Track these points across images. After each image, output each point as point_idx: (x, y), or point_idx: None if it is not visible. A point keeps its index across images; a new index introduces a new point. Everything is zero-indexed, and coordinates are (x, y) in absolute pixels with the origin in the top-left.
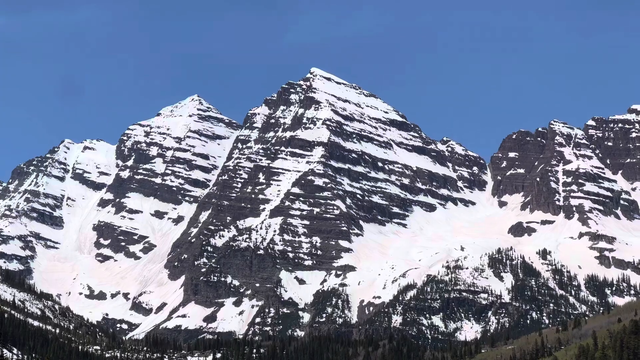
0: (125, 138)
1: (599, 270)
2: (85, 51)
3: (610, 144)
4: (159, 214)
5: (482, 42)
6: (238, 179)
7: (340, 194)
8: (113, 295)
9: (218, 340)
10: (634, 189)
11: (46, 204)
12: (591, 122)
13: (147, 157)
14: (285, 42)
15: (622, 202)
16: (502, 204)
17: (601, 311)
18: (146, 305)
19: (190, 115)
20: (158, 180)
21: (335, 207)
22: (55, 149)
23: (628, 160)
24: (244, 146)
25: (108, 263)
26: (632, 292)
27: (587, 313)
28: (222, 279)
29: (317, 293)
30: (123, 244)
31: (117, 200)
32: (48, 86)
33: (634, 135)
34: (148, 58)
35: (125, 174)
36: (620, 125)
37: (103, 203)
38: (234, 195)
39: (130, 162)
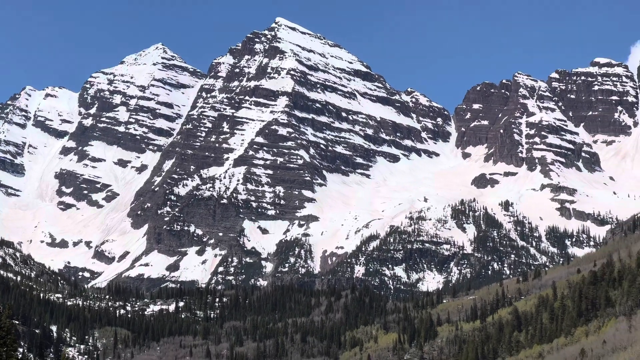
0: (88, 86)
1: (560, 221)
2: None
3: (573, 96)
4: (122, 163)
5: None
6: (202, 128)
7: (304, 144)
8: (75, 244)
9: (181, 289)
10: (595, 142)
11: (7, 151)
12: (555, 75)
13: (110, 105)
14: None
15: (583, 154)
16: (465, 156)
17: (561, 262)
18: (108, 253)
19: (154, 64)
20: (121, 128)
21: (298, 157)
22: (17, 96)
23: (590, 113)
24: (208, 95)
25: (70, 211)
26: (592, 243)
27: (548, 264)
28: (185, 228)
29: (280, 243)
30: (85, 192)
31: (80, 148)
32: (8, 33)
33: (596, 88)
34: (112, 5)
35: (88, 122)
36: (583, 78)
37: (65, 151)
38: (198, 144)
39: (93, 110)
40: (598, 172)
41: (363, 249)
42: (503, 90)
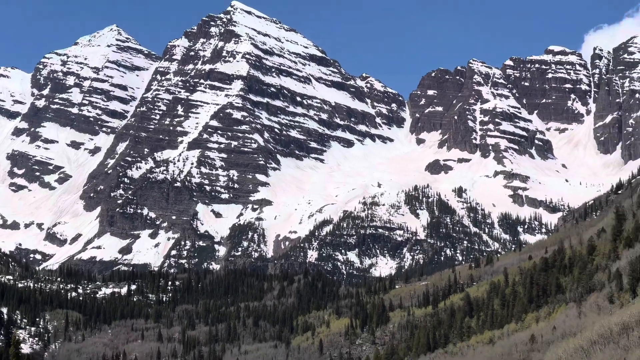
0: (41, 67)
1: (513, 208)
2: None
3: (527, 84)
4: (75, 145)
5: None
6: (156, 111)
7: (259, 128)
8: (27, 225)
9: (133, 272)
10: (548, 129)
11: None
12: (509, 62)
13: (63, 86)
14: None
15: (536, 141)
16: (419, 142)
17: (513, 248)
18: (60, 235)
19: (108, 46)
20: (75, 110)
21: (253, 141)
22: None
23: (544, 100)
24: (163, 78)
25: (22, 193)
26: (544, 230)
27: (500, 250)
28: (139, 210)
29: (234, 227)
30: (38, 173)
31: (32, 129)
32: None
33: (550, 76)
34: None
35: (41, 103)
36: (537, 66)
37: (17, 132)
38: (152, 127)
39: (46, 91)
40: (551, 160)
41: (316, 233)
42: (458, 77)
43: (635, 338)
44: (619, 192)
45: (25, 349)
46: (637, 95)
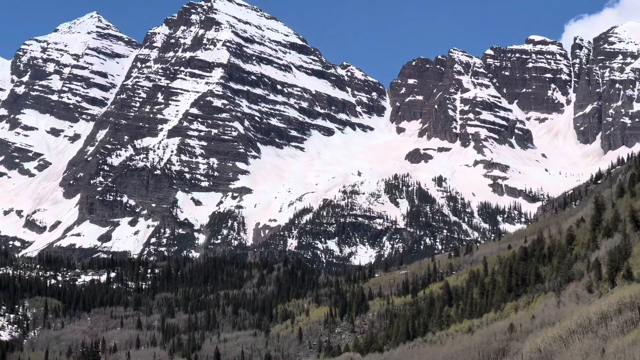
0: (21, 53)
1: (492, 197)
2: None
3: (507, 73)
4: (55, 132)
5: None
6: (136, 98)
7: (239, 116)
8: (6, 212)
9: (113, 259)
10: (528, 119)
11: None
12: (489, 52)
13: (43, 73)
14: None
15: (516, 131)
16: (400, 130)
17: (492, 238)
18: (40, 223)
19: (88, 33)
20: (54, 97)
21: (233, 129)
22: None
23: (524, 90)
24: (143, 65)
25: (1, 180)
26: (523, 219)
27: (479, 239)
28: (118, 198)
29: (213, 214)
30: (17, 160)
31: (12, 116)
32: None
33: (530, 65)
34: None
35: (21, 89)
36: (517, 55)
37: None
38: (132, 114)
39: (26, 78)
40: (531, 149)
41: (296, 222)
42: (438, 66)
43: (614, 327)
44: (599, 181)
45: (4, 336)
46: (617, 85)
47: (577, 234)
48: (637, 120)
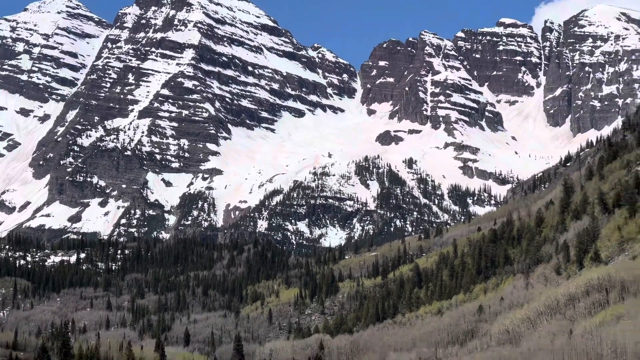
0: None
1: (462, 180)
2: None
3: (478, 56)
4: (24, 112)
5: None
6: (107, 79)
7: (210, 97)
8: None
9: (82, 240)
10: (499, 101)
11: None
12: (460, 34)
13: (12, 52)
14: None
15: (487, 113)
16: (370, 112)
17: (462, 220)
18: (9, 203)
19: (58, 12)
20: (24, 77)
21: (204, 110)
22: None
23: (494, 72)
24: (114, 46)
25: None
26: (493, 202)
27: (449, 222)
28: (88, 179)
29: (184, 196)
30: None
31: None
32: None
33: (501, 48)
34: None
35: None
36: (488, 38)
37: None
38: (103, 95)
39: None
40: (501, 132)
41: (266, 203)
42: (409, 48)
43: (581, 309)
44: (568, 164)
45: None
46: (586, 68)
47: (546, 217)
48: (606, 103)
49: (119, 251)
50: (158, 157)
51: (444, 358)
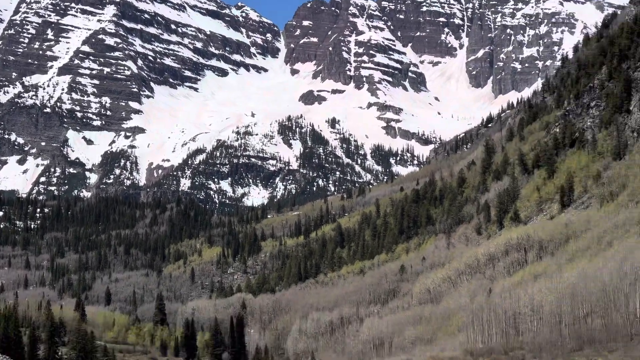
0: None
1: (385, 140)
2: None
3: (401, 16)
4: None
5: None
6: (25, 34)
7: (132, 55)
8: None
9: (0, 198)
10: (422, 62)
11: None
12: None
13: None
14: None
15: (410, 74)
16: (294, 72)
17: (385, 180)
18: None
19: None
20: None
21: (126, 68)
22: None
23: (418, 33)
24: (32, 1)
25: None
26: (415, 162)
27: (372, 181)
28: (6, 136)
29: (106, 154)
30: None
31: None
32: None
33: (424, 9)
34: None
35: None
36: None
37: None
38: (21, 50)
39: None
40: (424, 93)
41: (189, 162)
42: (333, 8)
43: (501, 268)
44: (489, 125)
45: None
46: (508, 30)
47: (467, 177)
48: (527, 65)
49: (38, 209)
50: (79, 114)
51: (365, 317)
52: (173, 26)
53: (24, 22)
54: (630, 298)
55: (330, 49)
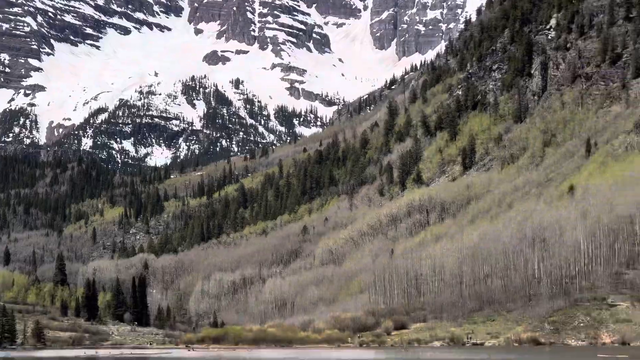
0: None
1: (289, 101)
2: None
3: None
4: None
5: None
6: None
7: (32, 11)
8: None
9: None
10: (326, 24)
11: None
12: None
13: None
14: None
15: (314, 35)
16: (198, 32)
17: (288, 141)
18: None
19: None
20: None
21: (25, 24)
22: None
23: None
24: None
25: None
26: (319, 123)
27: (275, 142)
28: None
29: (4, 112)
30: None
31: None
32: None
33: None
34: None
35: None
36: None
37: None
38: None
39: None
40: (328, 54)
41: (91, 121)
42: None
43: (403, 229)
44: (393, 87)
45: None
46: None
47: (370, 138)
48: (430, 27)
49: None
50: None
51: (268, 278)
52: None
53: None
54: (529, 259)
55: (235, 8)
